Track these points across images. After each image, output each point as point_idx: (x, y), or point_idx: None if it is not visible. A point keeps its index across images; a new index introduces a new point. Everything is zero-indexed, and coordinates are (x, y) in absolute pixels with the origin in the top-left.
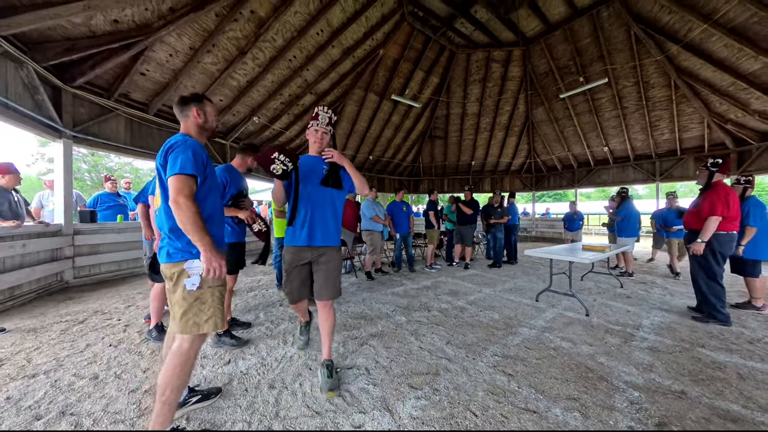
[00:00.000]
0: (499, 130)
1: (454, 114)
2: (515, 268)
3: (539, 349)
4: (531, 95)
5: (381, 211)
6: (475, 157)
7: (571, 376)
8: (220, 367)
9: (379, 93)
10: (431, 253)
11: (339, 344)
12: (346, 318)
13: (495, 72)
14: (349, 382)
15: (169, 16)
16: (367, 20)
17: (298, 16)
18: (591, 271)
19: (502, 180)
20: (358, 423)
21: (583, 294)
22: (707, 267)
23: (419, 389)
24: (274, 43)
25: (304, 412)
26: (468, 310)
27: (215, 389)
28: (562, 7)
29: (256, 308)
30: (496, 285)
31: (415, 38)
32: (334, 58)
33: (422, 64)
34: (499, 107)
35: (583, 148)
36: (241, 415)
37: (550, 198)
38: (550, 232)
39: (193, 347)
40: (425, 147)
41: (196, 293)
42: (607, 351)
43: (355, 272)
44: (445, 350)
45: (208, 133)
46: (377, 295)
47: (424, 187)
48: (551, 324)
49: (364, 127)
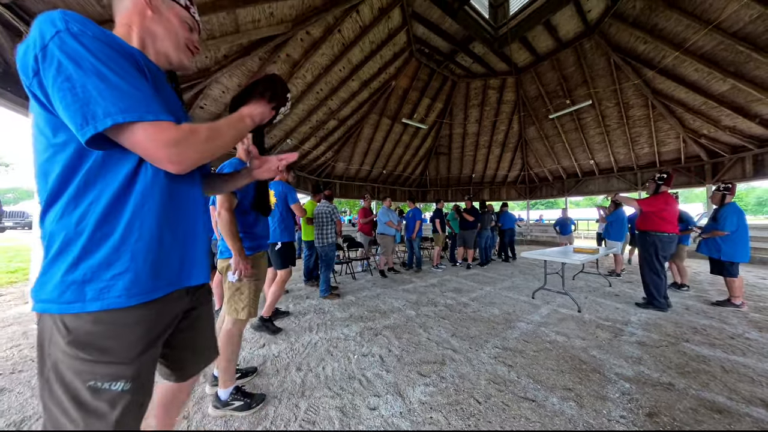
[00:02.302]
0: (496, 146)
1: (456, 134)
2: (513, 268)
3: (536, 342)
4: (524, 116)
5: (394, 217)
6: (475, 170)
7: (566, 367)
8: (256, 349)
9: (392, 117)
10: (437, 254)
11: (357, 334)
12: (363, 311)
13: (491, 97)
14: (365, 368)
15: (223, 62)
16: (381, 57)
17: (325, 57)
18: (582, 271)
19: (500, 190)
20: (373, 405)
21: (575, 292)
22: (650, 262)
23: (427, 377)
24: (304, 80)
25: (326, 393)
26: (471, 306)
27: (252, 368)
28: (549, 41)
29: (286, 300)
30: (495, 283)
31: (422, 71)
32: (353, 90)
33: (428, 92)
34: (496, 127)
35: (571, 161)
36: (274, 392)
37: (543, 206)
38: (543, 236)
39: (236, 327)
40: (431, 162)
41: (237, 284)
42: (598, 345)
43: (371, 271)
44: (451, 342)
45: (249, 155)
46: (390, 291)
47: (431, 197)
48: (546, 319)
49: (378, 146)
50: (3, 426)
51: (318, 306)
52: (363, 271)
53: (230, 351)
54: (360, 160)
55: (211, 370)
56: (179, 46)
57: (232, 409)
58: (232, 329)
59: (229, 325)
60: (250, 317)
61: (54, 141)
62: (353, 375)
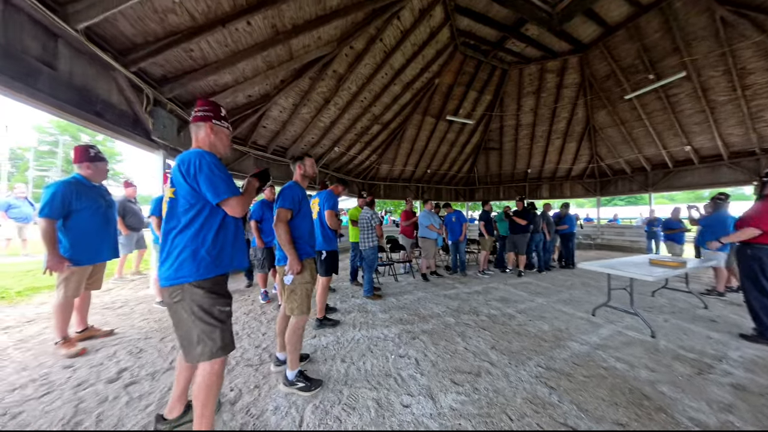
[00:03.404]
0: (556, 137)
1: (508, 126)
2: (573, 278)
3: (588, 366)
4: (591, 100)
5: (436, 220)
6: (531, 165)
7: (622, 400)
8: (308, 339)
9: (435, 115)
10: (484, 259)
11: (396, 335)
12: (403, 313)
13: (549, 82)
14: (401, 368)
15: (280, 86)
16: (423, 57)
17: (368, 67)
18: (665, 287)
19: (561, 186)
20: (406, 402)
21: (651, 312)
22: (756, 281)
23: (461, 386)
24: (349, 90)
25: (365, 385)
26: (516, 318)
27: (305, 355)
28: (624, 7)
29: (334, 297)
30: (550, 295)
31: (467, 64)
32: (396, 93)
33: (474, 85)
34: (556, 115)
35: (657, 149)
36: (321, 377)
37: (623, 201)
38: (618, 240)
39: (298, 323)
40: (480, 158)
41: (291, 287)
42: (672, 380)
43: (413, 273)
44: (489, 354)
45: (308, 179)
46: (431, 295)
47: (479, 196)
48: (607, 342)
49: (422, 146)
50: (144, 375)
51: (362, 305)
52: (405, 273)
53: (294, 340)
54: (403, 161)
55: (275, 352)
56: (226, 147)
57: (296, 389)
58: (295, 323)
59: (293, 320)
60: (303, 314)
61: (192, 202)
62: (390, 373)
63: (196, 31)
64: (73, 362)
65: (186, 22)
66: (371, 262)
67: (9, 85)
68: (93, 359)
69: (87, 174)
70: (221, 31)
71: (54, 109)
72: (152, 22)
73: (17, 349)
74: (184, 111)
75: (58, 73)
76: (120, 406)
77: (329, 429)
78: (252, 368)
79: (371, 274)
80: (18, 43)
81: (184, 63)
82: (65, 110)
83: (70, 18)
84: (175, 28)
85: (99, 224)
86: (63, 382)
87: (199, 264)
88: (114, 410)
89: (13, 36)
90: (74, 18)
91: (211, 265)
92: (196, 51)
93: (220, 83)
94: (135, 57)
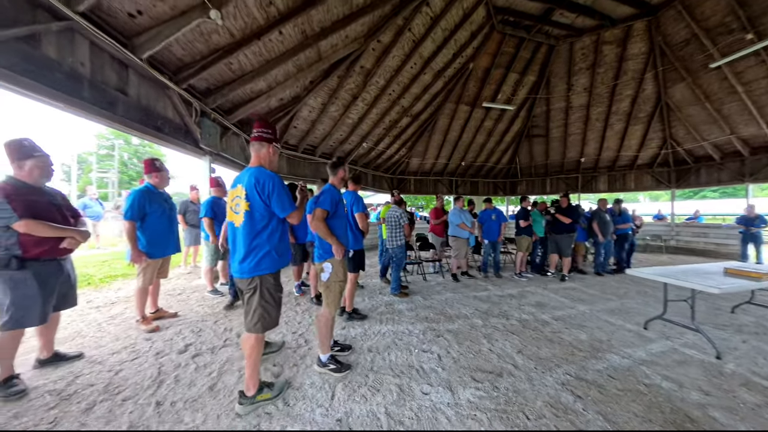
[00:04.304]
0: (617, 119)
1: (555, 109)
2: (629, 285)
3: (626, 380)
4: (663, 71)
5: (468, 218)
6: (585, 154)
7: (659, 419)
8: (338, 330)
9: (470, 103)
10: (521, 260)
11: (420, 332)
12: (429, 312)
13: (607, 55)
14: (423, 362)
15: (309, 87)
16: (456, 42)
17: (395, 59)
18: (750, 301)
19: (624, 177)
20: (426, 391)
21: (725, 331)
22: None
23: (481, 383)
24: (377, 85)
25: (389, 372)
26: (551, 325)
27: (347, 345)
28: None
29: (362, 294)
30: (595, 303)
31: (507, 43)
32: (426, 83)
33: (515, 66)
34: (616, 93)
35: (758, 128)
36: (350, 363)
37: (717, 194)
38: (699, 242)
39: (330, 315)
40: (522, 147)
41: (326, 284)
42: (730, 406)
43: (443, 273)
44: (514, 357)
45: (344, 182)
46: (460, 296)
47: (522, 189)
48: (656, 358)
49: (455, 137)
50: (205, 349)
51: (389, 302)
52: (435, 273)
53: (325, 329)
54: (435, 153)
55: (312, 340)
56: (277, 163)
57: (329, 369)
58: (326, 315)
59: (326, 311)
60: (335, 309)
61: (265, 214)
62: (412, 365)
63: (235, 47)
64: (151, 336)
65: (226, 39)
66: (399, 261)
67: (98, 113)
68: (165, 335)
69: (155, 182)
70: (257, 44)
71: (127, 128)
72: (199, 43)
73: (109, 324)
74: (224, 118)
75: (129, 98)
76: (190, 372)
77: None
78: (291, 350)
79: (399, 272)
80: (101, 76)
81: (224, 75)
82: (134, 128)
83: (137, 49)
84: (217, 45)
85: (166, 224)
86: (146, 350)
87: (272, 261)
88: (186, 374)
89: (98, 71)
90: (140, 49)
91: (278, 261)
92: (234, 63)
93: (255, 90)
94: (185, 75)
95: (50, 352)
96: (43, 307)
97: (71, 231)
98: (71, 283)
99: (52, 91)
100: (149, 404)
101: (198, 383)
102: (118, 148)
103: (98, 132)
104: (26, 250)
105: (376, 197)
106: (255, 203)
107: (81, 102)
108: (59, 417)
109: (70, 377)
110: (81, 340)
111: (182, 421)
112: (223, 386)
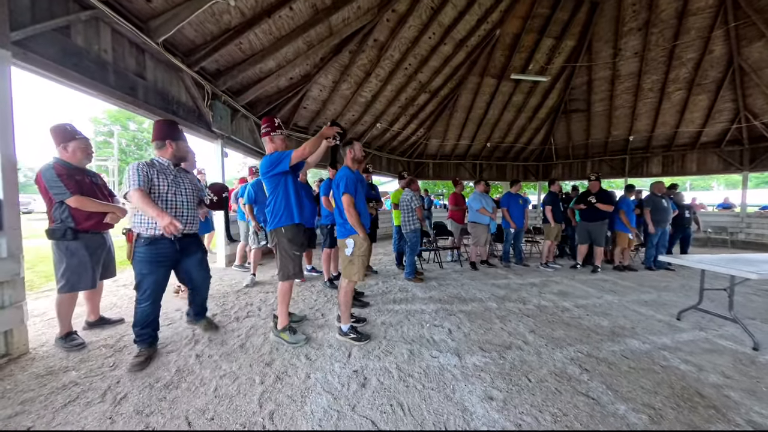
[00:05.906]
0: (676, 88)
1: (599, 79)
2: (673, 279)
3: (640, 360)
4: (738, 28)
5: (489, 203)
6: (635, 131)
7: (667, 392)
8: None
9: (497, 75)
10: (547, 250)
11: (433, 311)
12: (443, 295)
13: (665, 10)
14: (434, 334)
15: (320, 64)
16: (480, 6)
17: (412, 29)
18: None
19: (683, 158)
20: (434, 355)
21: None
22: None
23: (488, 353)
24: (392, 59)
25: (401, 340)
26: (571, 312)
27: (362, 318)
28: None
29: (376, 278)
30: (626, 294)
31: (540, 4)
32: (446, 54)
33: (550, 30)
34: (675, 57)
35: None
36: (365, 332)
37: None
38: None
39: (350, 286)
40: (558, 125)
41: (350, 258)
42: (752, 389)
43: (461, 262)
44: (526, 336)
45: (357, 163)
46: (477, 283)
47: (557, 173)
48: (681, 346)
49: (479, 114)
50: (232, 318)
51: (402, 286)
52: (453, 261)
53: (346, 300)
54: (456, 133)
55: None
56: (284, 146)
57: (349, 339)
58: (347, 287)
59: (344, 283)
60: (360, 280)
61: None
62: (423, 336)
63: (245, 26)
64: (181, 307)
65: (237, 18)
66: (413, 245)
67: (122, 98)
68: None
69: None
70: (267, 22)
71: (149, 113)
72: (210, 23)
73: None
74: (234, 100)
75: (147, 82)
76: (220, 335)
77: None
78: (310, 321)
79: (413, 256)
80: (122, 62)
81: (234, 56)
82: (155, 113)
83: (153, 33)
84: (228, 25)
85: None
86: (178, 318)
87: (288, 214)
88: (217, 336)
89: (120, 58)
90: (156, 33)
91: (289, 217)
92: (245, 43)
93: (264, 70)
94: (197, 57)
95: (96, 315)
96: (93, 274)
97: (113, 207)
98: (111, 256)
99: (85, 78)
100: (190, 356)
101: (229, 343)
102: (117, 134)
103: (93, 117)
104: (78, 223)
105: (393, 183)
106: None
107: (108, 88)
108: (117, 361)
109: (117, 336)
110: (117, 310)
111: (220, 368)
112: (251, 345)
